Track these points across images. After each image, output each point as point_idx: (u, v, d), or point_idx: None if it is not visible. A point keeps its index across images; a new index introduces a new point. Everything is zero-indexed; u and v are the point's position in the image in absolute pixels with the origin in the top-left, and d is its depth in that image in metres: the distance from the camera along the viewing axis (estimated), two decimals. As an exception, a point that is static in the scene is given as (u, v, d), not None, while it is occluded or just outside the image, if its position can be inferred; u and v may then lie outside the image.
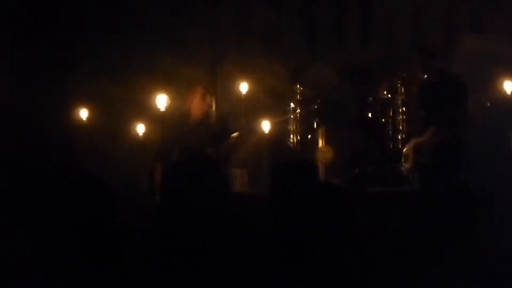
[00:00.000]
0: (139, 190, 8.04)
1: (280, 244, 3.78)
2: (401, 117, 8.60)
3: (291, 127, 9.13)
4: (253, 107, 8.47)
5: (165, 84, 8.25)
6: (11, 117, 9.06)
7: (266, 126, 8.34)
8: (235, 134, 7.85)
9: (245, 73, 8.19)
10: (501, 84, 8.26)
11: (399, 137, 8.62)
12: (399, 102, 8.65)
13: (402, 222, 7.21)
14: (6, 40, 9.32)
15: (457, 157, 7.76)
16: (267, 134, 8.31)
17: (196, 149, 7.62)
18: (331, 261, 3.35)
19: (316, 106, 9.16)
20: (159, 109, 7.58)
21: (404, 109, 8.61)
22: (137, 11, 9.84)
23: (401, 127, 8.65)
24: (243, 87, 8.21)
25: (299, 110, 9.08)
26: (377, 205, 7.51)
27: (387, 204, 7.94)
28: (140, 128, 8.42)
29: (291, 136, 9.15)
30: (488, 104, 8.45)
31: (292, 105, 9.05)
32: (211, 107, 8.27)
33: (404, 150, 7.99)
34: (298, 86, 9.03)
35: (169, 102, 7.60)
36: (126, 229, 2.94)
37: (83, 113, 8.46)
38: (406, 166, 7.98)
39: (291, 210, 3.63)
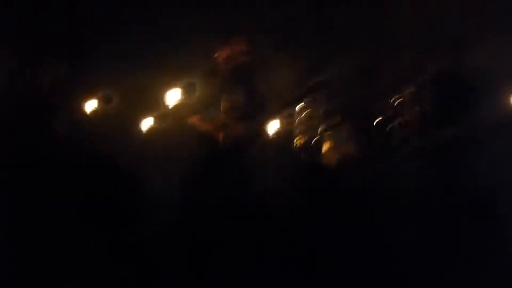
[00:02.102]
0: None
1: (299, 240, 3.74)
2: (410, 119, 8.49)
3: (298, 129, 9.06)
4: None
5: (176, 79, 8.17)
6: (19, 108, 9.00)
7: (274, 125, 8.26)
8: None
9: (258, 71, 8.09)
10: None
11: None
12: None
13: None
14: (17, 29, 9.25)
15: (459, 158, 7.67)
16: (274, 133, 8.25)
17: None
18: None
19: (325, 108, 9.10)
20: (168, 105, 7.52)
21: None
22: (147, 10, 9.81)
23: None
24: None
25: (308, 111, 9.00)
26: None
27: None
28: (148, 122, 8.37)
29: (298, 136, 9.07)
30: None
31: (300, 105, 8.96)
32: None
33: None
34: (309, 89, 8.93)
35: (180, 97, 7.53)
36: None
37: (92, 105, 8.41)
38: None
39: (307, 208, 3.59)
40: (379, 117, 8.88)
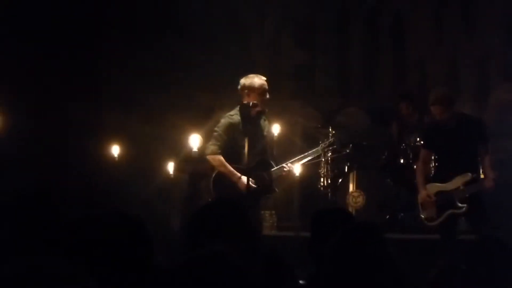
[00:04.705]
0: (169, 228, 7.99)
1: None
2: (433, 164, 8.32)
3: (322, 170, 9.02)
4: (284, 149, 8.36)
5: (197, 123, 8.18)
6: (39, 154, 9.01)
7: (297, 168, 8.23)
8: (289, 165, 7.67)
9: (276, 115, 8.09)
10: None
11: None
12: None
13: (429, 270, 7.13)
14: (34, 73, 9.25)
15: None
16: (297, 176, 8.20)
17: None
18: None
19: (348, 150, 9.07)
20: (191, 148, 7.51)
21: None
22: (170, 49, 9.86)
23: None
24: (275, 128, 8.11)
25: (330, 154, 8.95)
26: (406, 252, 7.41)
27: (414, 251, 7.83)
28: (171, 167, 8.37)
29: (322, 179, 9.04)
30: None
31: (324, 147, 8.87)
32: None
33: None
34: (330, 129, 8.79)
35: (202, 142, 7.51)
36: (158, 269, 2.86)
37: (115, 150, 8.40)
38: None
39: (332, 254, 3.55)
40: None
